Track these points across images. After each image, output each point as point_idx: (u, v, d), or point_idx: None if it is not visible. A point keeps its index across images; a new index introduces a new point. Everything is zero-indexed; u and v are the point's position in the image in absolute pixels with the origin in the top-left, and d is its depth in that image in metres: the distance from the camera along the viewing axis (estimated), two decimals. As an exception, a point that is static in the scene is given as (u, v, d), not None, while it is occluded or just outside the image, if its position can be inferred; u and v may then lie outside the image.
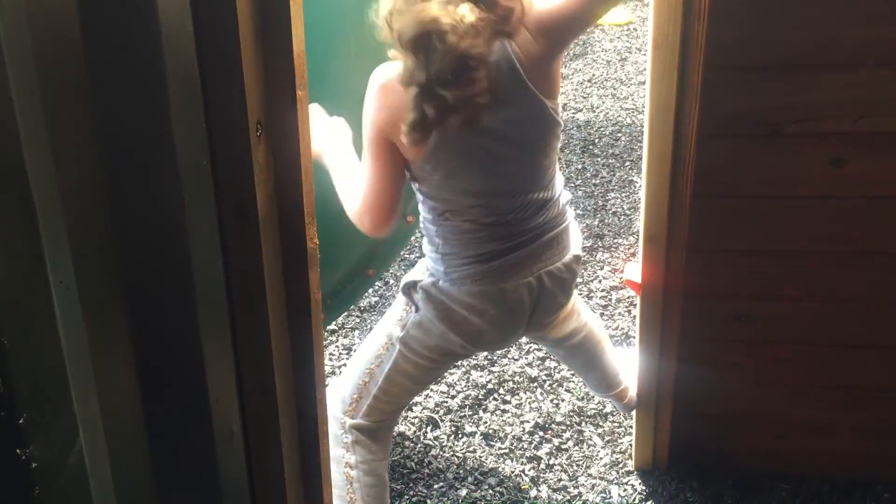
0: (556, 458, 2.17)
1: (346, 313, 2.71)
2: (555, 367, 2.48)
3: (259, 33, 0.99)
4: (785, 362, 1.79)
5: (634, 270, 1.76)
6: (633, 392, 1.97)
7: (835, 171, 1.51)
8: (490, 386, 2.42)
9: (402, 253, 2.93)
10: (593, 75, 4.67)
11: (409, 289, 1.67)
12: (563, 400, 2.35)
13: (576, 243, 1.66)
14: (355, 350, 2.60)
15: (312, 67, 1.09)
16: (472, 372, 2.46)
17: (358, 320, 2.77)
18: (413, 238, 2.86)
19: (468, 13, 1.30)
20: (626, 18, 5.36)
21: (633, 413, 2.03)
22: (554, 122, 1.46)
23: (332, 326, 2.65)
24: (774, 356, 1.79)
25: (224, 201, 1.00)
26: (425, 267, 1.65)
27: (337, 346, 2.63)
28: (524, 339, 2.58)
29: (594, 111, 4.21)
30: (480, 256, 1.56)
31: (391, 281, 2.98)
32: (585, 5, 1.34)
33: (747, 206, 1.58)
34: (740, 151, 1.51)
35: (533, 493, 2.08)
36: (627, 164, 3.74)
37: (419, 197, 1.60)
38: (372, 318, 2.78)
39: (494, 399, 2.37)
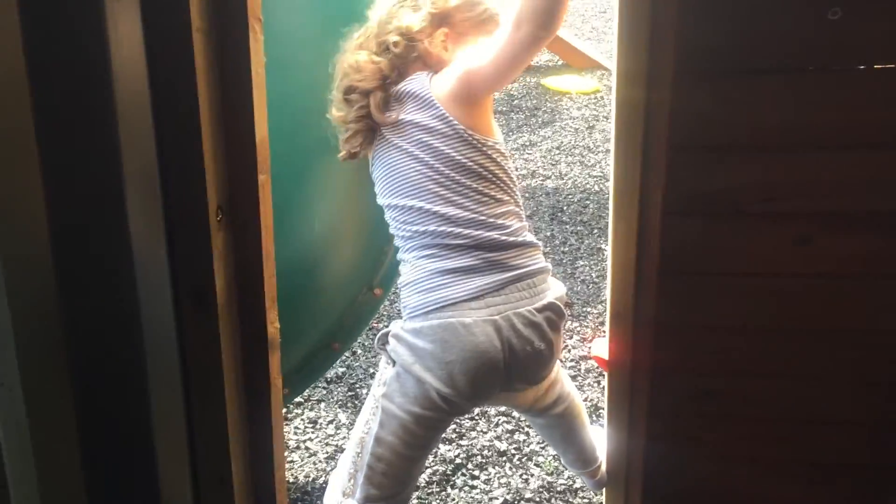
0: (526, 537, 2.13)
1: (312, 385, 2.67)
2: (524, 441, 2.44)
3: (221, 119, 0.98)
4: (751, 438, 1.78)
5: (602, 347, 1.74)
6: (604, 468, 1.94)
7: (799, 250, 1.52)
8: (458, 461, 2.37)
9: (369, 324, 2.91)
10: (561, 143, 4.73)
11: (383, 342, 1.66)
12: (532, 475, 2.31)
13: (554, 292, 1.66)
14: (321, 423, 2.55)
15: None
16: (440, 445, 2.41)
17: (324, 392, 2.72)
18: (382, 308, 2.83)
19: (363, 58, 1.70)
20: (593, 86, 5.46)
21: (603, 490, 1.99)
22: (476, 148, 1.60)
23: (297, 399, 2.61)
24: (740, 432, 1.77)
25: (182, 288, 0.98)
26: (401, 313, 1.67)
27: (302, 420, 2.58)
28: (493, 411, 2.55)
29: (562, 178, 4.25)
30: (433, 286, 1.58)
31: (358, 350, 2.94)
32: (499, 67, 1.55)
33: (713, 284, 1.58)
34: (706, 230, 1.52)
35: (502, 573, 2.03)
36: (595, 231, 3.76)
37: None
38: (339, 388, 2.74)
39: (462, 474, 2.33)
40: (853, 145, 1.41)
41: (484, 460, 2.37)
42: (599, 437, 1.98)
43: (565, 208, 3.95)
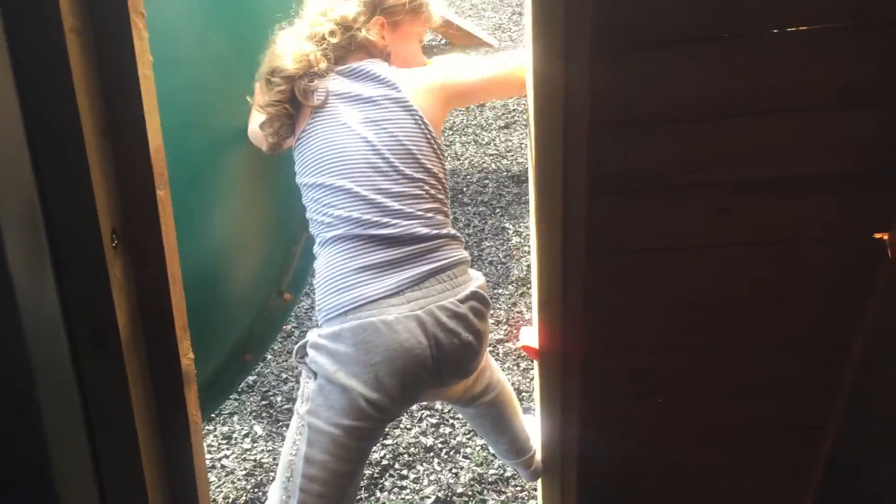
0: (463, 534, 2.06)
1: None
2: (450, 433, 2.38)
3: (107, 130, 0.85)
4: (686, 411, 1.77)
5: (530, 335, 1.69)
6: (538, 458, 1.90)
7: (721, 219, 1.49)
8: (385, 462, 2.28)
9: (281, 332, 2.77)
10: (454, 122, 4.67)
11: (301, 356, 1.56)
12: (461, 468, 2.25)
13: (476, 281, 1.60)
14: (236, 437, 2.41)
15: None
16: (365, 448, 2.32)
17: (236, 404, 2.58)
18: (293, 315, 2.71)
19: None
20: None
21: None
22: (428, 142, 1.59)
23: (207, 414, 2.46)
24: (675, 406, 1.76)
25: (78, 329, 0.85)
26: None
27: (216, 436, 2.43)
28: (415, 406, 2.47)
29: (458, 159, 4.20)
30: (349, 285, 1.51)
31: (269, 356, 2.81)
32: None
33: (641, 261, 1.54)
34: (631, 207, 1.47)
35: (443, 576, 1.96)
36: (498, 210, 3.72)
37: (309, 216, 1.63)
38: (251, 398, 2.60)
39: (391, 475, 2.24)
40: (770, 110, 1.38)
41: (411, 458, 2.30)
42: (532, 426, 1.93)
43: (465, 189, 3.90)
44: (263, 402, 2.56)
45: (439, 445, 2.34)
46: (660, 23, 1.29)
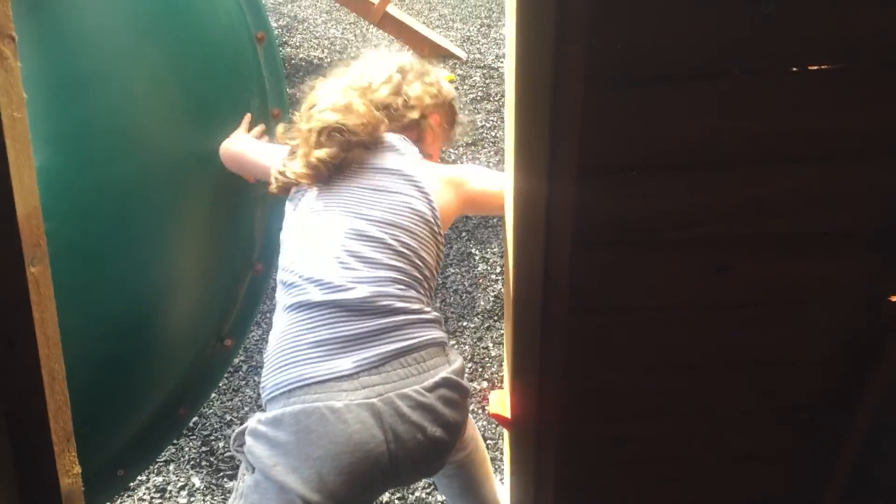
0: None
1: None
2: (408, 488, 2.17)
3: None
4: (671, 482, 1.59)
5: (500, 401, 1.49)
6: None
7: (718, 278, 1.32)
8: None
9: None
10: (419, 139, 4.47)
11: (239, 444, 1.35)
12: (420, 529, 2.05)
13: (450, 366, 1.39)
14: (171, 490, 2.18)
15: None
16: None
17: (173, 450, 2.34)
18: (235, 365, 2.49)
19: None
20: (447, 76, 5.24)
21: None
22: (427, 217, 1.48)
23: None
24: (658, 477, 1.58)
25: None
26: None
27: (148, 488, 2.19)
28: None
29: (424, 178, 4.00)
30: (296, 360, 1.32)
31: (212, 394, 2.58)
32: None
33: (627, 321, 1.36)
34: (619, 261, 1.29)
35: None
36: (463, 234, 3.54)
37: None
38: (190, 443, 2.37)
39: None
40: (777, 158, 1.21)
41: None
42: (503, 494, 1.74)
43: (430, 211, 3.70)
44: (204, 449, 2.33)
45: (396, 501, 2.14)
46: (657, 57, 1.10)
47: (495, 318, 2.94)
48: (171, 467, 2.27)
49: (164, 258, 1.62)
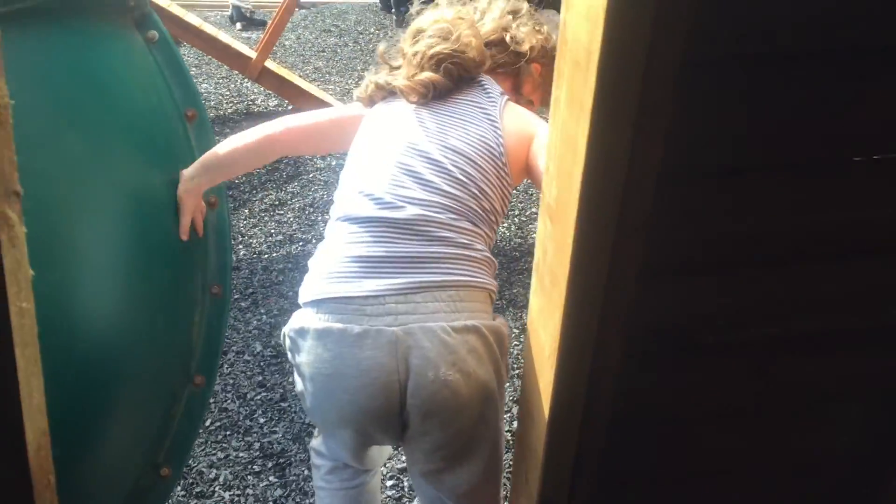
0: None
1: None
2: None
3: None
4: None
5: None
6: None
7: (762, 382, 1.19)
8: None
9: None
10: (314, 199, 4.25)
11: (283, 342, 1.39)
12: None
13: (488, 321, 1.30)
14: None
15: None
16: None
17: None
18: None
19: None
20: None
21: None
22: (495, 152, 1.39)
23: None
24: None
25: None
26: None
27: None
28: None
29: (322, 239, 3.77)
30: (332, 271, 1.30)
31: None
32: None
33: (666, 432, 1.21)
34: (656, 366, 1.14)
35: None
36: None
37: None
38: None
39: None
40: (828, 254, 1.08)
41: None
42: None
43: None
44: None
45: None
46: (729, 146, 0.97)
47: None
48: None
49: (87, 372, 1.34)
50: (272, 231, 3.82)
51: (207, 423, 2.54)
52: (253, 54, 4.46)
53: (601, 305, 0.98)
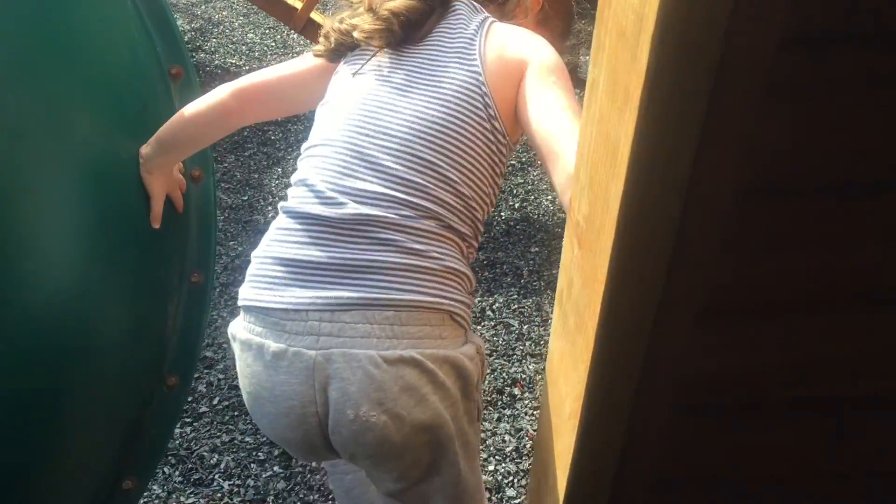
0: None
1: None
2: None
3: None
4: None
5: None
6: None
7: (833, 444, 0.94)
8: None
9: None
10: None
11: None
12: None
13: (440, 347, 1.03)
14: None
15: None
16: None
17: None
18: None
19: None
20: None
21: None
22: (479, 111, 1.08)
23: None
24: None
25: None
26: None
27: None
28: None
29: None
30: (259, 274, 1.08)
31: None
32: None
33: (721, 494, 0.97)
34: (713, 425, 0.90)
35: None
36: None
37: None
38: None
39: None
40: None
41: None
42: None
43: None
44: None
45: None
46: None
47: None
48: None
49: (33, 372, 1.15)
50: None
51: (215, 402, 2.38)
52: (299, 4, 4.22)
53: (642, 357, 0.73)
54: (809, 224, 0.69)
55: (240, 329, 1.08)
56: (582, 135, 0.70)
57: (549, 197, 3.40)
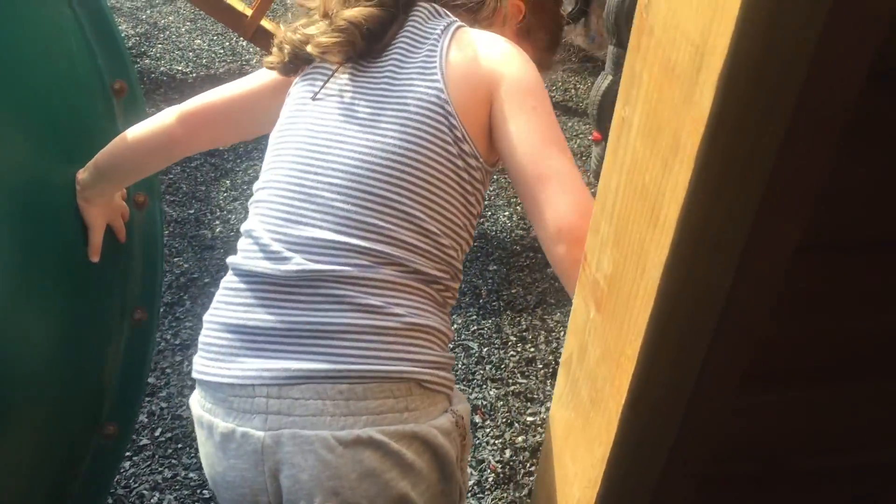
0: None
1: None
2: None
3: None
4: None
5: None
6: None
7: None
8: None
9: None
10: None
11: None
12: None
13: (405, 424, 0.88)
14: None
15: None
16: None
17: None
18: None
19: None
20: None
21: None
22: (443, 135, 0.93)
23: None
24: None
25: None
26: None
27: None
28: None
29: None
30: (207, 341, 0.95)
31: None
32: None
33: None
34: (741, 495, 0.80)
35: None
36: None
37: None
38: None
39: None
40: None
41: None
42: None
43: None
44: None
45: None
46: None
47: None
48: None
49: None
50: (254, 208, 3.47)
51: (157, 434, 2.22)
52: (248, 11, 4.07)
53: (674, 434, 0.63)
54: (869, 280, 0.60)
55: (194, 403, 0.96)
56: (606, 182, 0.60)
57: (507, 213, 3.31)
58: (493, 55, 0.97)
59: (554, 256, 0.85)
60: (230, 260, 0.96)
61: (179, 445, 2.16)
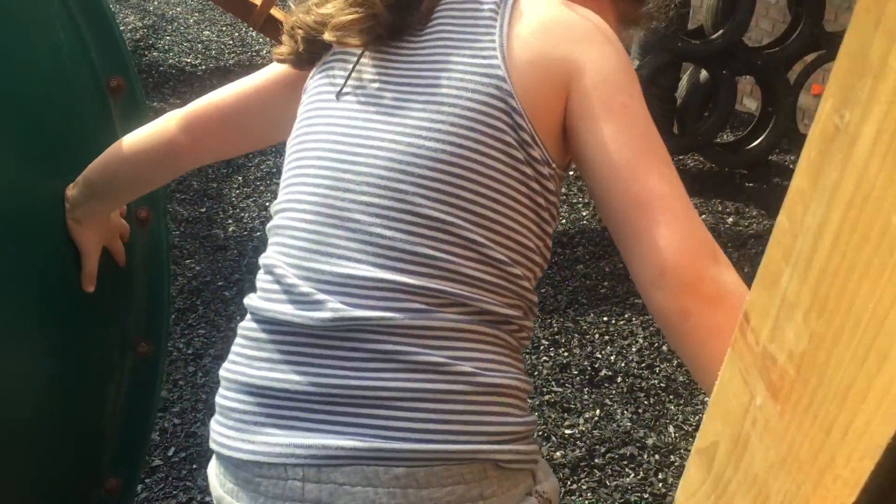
0: None
1: None
2: None
3: None
4: None
5: None
6: None
7: None
8: None
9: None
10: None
11: None
12: None
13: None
14: None
15: None
16: None
17: None
18: None
19: None
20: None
21: None
22: (512, 133, 0.73)
23: None
24: None
25: None
26: None
27: None
28: None
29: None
30: (222, 405, 0.77)
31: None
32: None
33: None
34: None
35: None
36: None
37: None
38: None
39: None
40: None
41: None
42: None
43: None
44: None
45: None
46: None
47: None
48: None
49: None
50: (268, 203, 3.31)
51: (170, 454, 2.08)
52: (258, 0, 3.93)
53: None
54: None
55: (213, 478, 0.78)
56: (798, 212, 0.42)
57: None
58: (568, 33, 0.76)
59: (653, 304, 0.66)
60: (248, 301, 0.78)
61: (194, 466, 2.04)
